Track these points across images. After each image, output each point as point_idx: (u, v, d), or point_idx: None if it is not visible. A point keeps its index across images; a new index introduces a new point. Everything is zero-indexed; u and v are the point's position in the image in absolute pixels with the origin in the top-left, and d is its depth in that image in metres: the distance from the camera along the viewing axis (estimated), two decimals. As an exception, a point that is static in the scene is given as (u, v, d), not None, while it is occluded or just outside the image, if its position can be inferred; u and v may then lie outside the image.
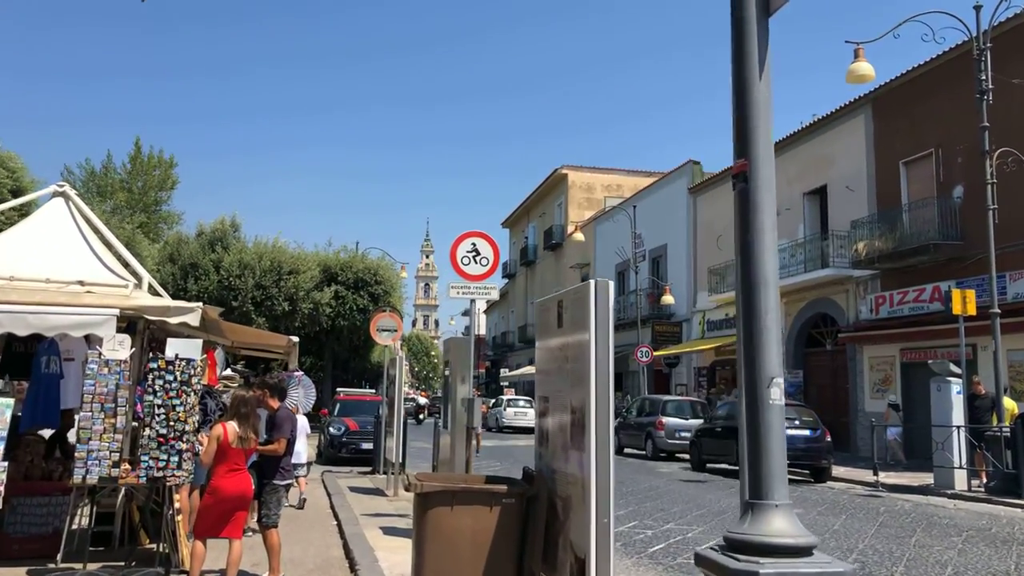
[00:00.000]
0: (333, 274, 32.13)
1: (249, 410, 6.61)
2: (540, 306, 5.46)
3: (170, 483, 7.05)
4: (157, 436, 6.91)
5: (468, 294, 10.25)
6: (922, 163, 21.17)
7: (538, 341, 5.49)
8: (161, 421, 6.94)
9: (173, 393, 7.02)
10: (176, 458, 6.94)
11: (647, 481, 16.11)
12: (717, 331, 30.76)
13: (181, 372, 7.12)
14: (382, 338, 16.17)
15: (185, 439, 7.02)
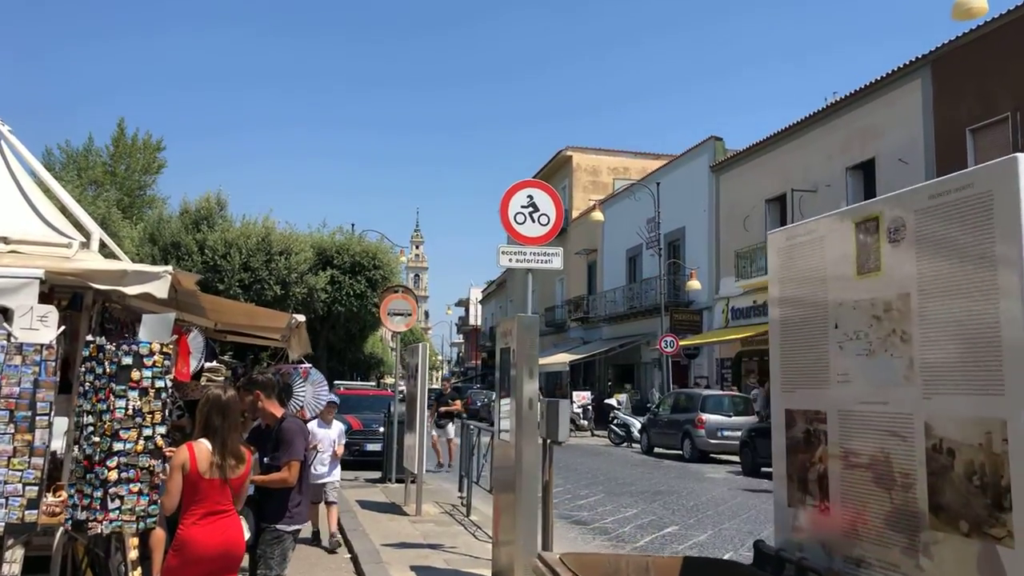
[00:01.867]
0: (328, 257, 29.64)
1: (229, 421, 4.24)
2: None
3: (92, 531, 4.67)
4: (83, 459, 4.52)
5: (524, 261, 7.89)
6: (994, 129, 18.89)
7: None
8: (87, 436, 4.56)
9: (102, 394, 4.63)
10: (100, 493, 4.55)
11: (705, 491, 13.80)
12: (744, 320, 28.48)
13: (115, 361, 4.73)
14: (394, 323, 13.79)
15: (124, 465, 4.62)
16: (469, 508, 10.61)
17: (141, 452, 4.69)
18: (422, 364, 10.58)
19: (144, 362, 4.83)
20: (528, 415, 6.39)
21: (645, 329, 34.90)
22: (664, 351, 26.04)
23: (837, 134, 24.37)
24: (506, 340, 6.90)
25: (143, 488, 4.68)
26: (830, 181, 24.51)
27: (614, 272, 39.32)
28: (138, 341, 4.94)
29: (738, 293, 28.69)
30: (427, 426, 14.60)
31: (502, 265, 7.82)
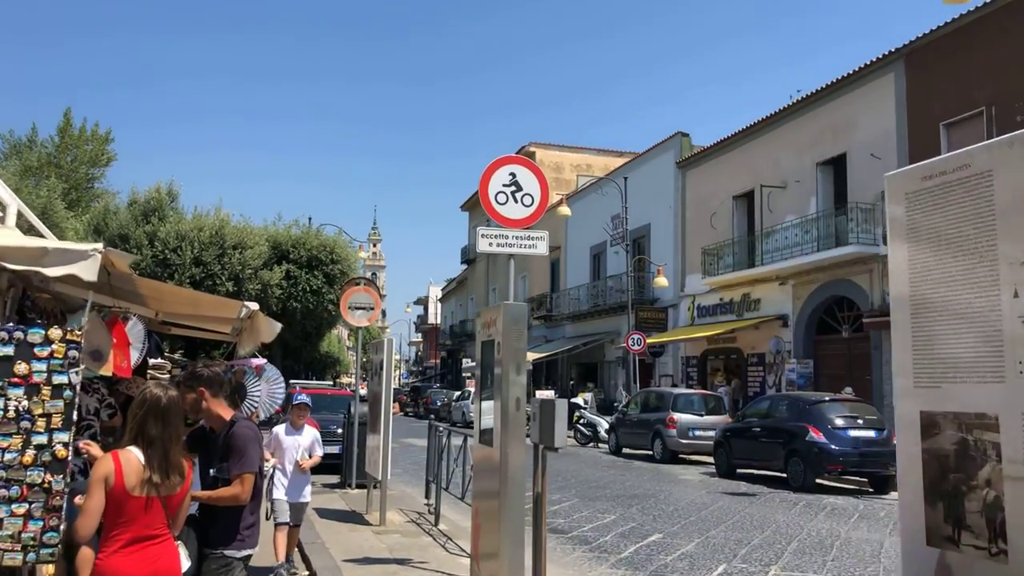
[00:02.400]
0: (284, 251, 28.55)
1: (169, 430, 3.41)
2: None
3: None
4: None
5: (506, 245, 7.11)
6: (969, 124, 18.61)
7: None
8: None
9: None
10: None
11: (682, 494, 13.17)
12: (710, 317, 28.07)
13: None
14: (355, 317, 12.92)
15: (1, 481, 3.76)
16: (438, 517, 9.81)
17: (30, 464, 3.81)
18: (387, 360, 9.75)
19: (35, 352, 3.95)
20: (515, 416, 5.62)
21: (609, 327, 34.37)
22: (631, 349, 25.45)
23: (807, 129, 24.02)
24: (489, 332, 6.13)
25: (33, 510, 3.80)
26: (800, 176, 24.15)
27: (578, 269, 38.74)
28: (24, 327, 4.06)
29: (704, 291, 28.27)
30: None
31: (482, 250, 7.04)
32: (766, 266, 24.53)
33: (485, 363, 6.29)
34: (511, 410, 5.62)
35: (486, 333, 6.24)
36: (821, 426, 13.47)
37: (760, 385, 25.46)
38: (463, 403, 35.64)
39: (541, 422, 5.49)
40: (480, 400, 6.42)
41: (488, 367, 6.15)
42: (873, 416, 14.05)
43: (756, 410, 15.82)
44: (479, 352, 6.46)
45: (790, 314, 24.20)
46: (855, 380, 21.91)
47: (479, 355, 6.46)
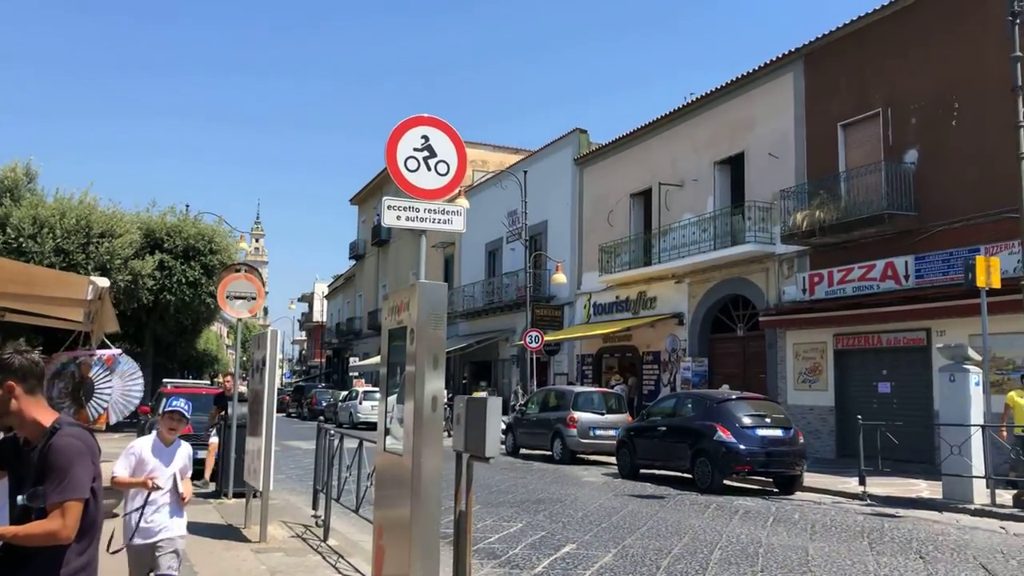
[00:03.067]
0: (158, 240, 26.46)
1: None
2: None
3: None
4: None
5: (416, 220, 6.17)
6: (866, 125, 18.81)
7: None
8: None
9: None
10: None
11: (589, 497, 12.48)
12: (606, 315, 27.76)
13: None
14: (235, 308, 11.63)
15: None
16: (327, 531, 8.72)
17: None
18: (271, 355, 8.58)
19: None
20: (431, 418, 4.67)
21: (504, 325, 33.69)
22: (529, 347, 24.78)
23: (706, 128, 23.96)
24: (399, 317, 5.15)
25: None
26: (697, 175, 24.08)
27: (473, 266, 37.90)
28: None
29: (601, 289, 27.94)
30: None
31: (389, 223, 6.06)
32: (663, 264, 24.35)
33: (393, 355, 5.32)
34: (426, 411, 4.66)
35: (395, 319, 5.26)
36: (729, 425, 13.07)
37: (655, 383, 25.29)
38: (350, 403, 34.18)
39: (468, 426, 4.58)
40: (385, 398, 5.43)
41: (397, 360, 5.18)
42: (780, 415, 13.78)
43: (660, 409, 15.36)
44: (385, 342, 5.48)
45: (686, 312, 24.09)
46: (749, 378, 21.94)
47: (385, 345, 5.48)
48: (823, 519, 10.59)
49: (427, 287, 4.79)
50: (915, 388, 17.15)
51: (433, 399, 4.70)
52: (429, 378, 4.72)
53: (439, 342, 4.82)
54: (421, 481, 4.65)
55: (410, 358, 4.83)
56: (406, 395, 4.82)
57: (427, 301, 4.78)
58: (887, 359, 17.99)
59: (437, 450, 4.63)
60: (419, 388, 4.71)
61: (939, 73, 17.07)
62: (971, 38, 16.52)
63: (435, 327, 4.80)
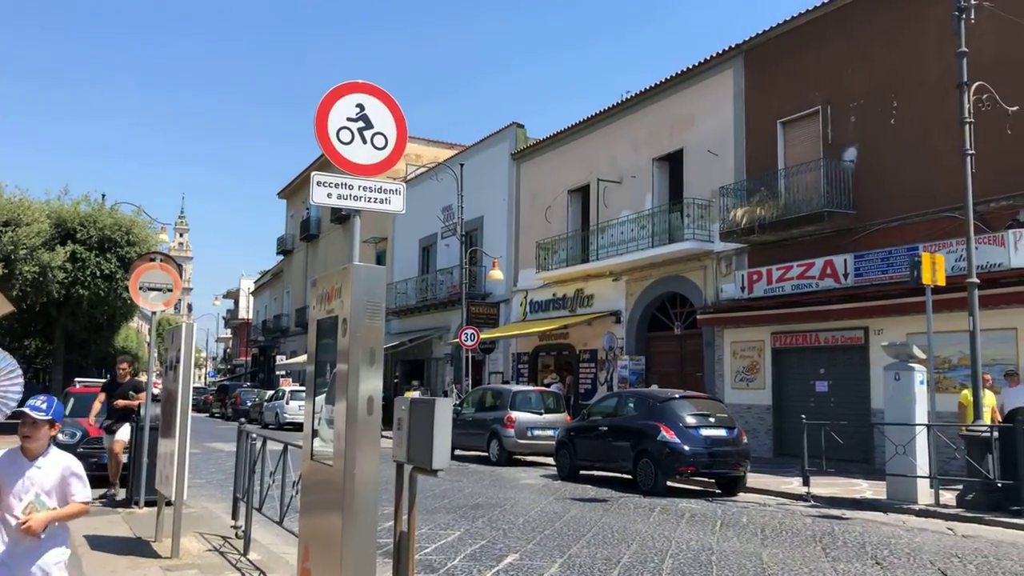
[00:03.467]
0: (69, 230, 24.98)
1: None
2: None
3: None
4: None
5: (350, 199, 5.50)
6: (805, 122, 18.76)
7: None
8: None
9: None
10: None
11: (529, 501, 11.92)
12: (542, 313, 27.31)
13: None
14: (149, 300, 10.69)
15: None
16: (248, 544, 7.93)
17: None
18: (186, 351, 7.76)
19: None
20: (366, 423, 4.03)
21: (437, 323, 32.97)
22: (464, 345, 24.13)
23: (645, 124, 23.70)
24: (329, 306, 4.48)
25: None
26: (636, 172, 23.81)
27: (406, 262, 37.04)
28: None
29: (537, 286, 27.49)
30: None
31: (319, 202, 5.36)
32: (600, 261, 24.01)
33: (322, 350, 4.64)
34: (361, 414, 4.01)
35: (324, 308, 4.58)
36: (673, 425, 12.69)
37: (592, 382, 24.95)
38: (276, 403, 33.00)
39: (412, 432, 3.96)
40: (313, 398, 4.74)
41: (326, 355, 4.51)
42: (724, 414, 13.46)
43: (601, 408, 14.91)
44: (313, 335, 4.79)
45: (623, 310, 23.80)
46: (686, 377, 21.76)
47: (313, 339, 4.79)
48: (771, 522, 10.25)
49: (362, 271, 4.14)
50: (853, 387, 17.13)
51: (369, 400, 4.06)
52: (365, 376, 4.07)
53: (376, 335, 4.18)
54: (354, 493, 4.00)
55: (342, 354, 4.17)
56: (337, 395, 4.16)
57: (362, 287, 4.13)
58: (825, 358, 17.95)
59: (373, 458, 3.99)
60: (352, 388, 4.05)
61: (878, 71, 17.08)
62: (910, 35, 16.56)
63: (371, 317, 4.16)
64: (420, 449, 3.97)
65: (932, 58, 16.00)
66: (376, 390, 4.12)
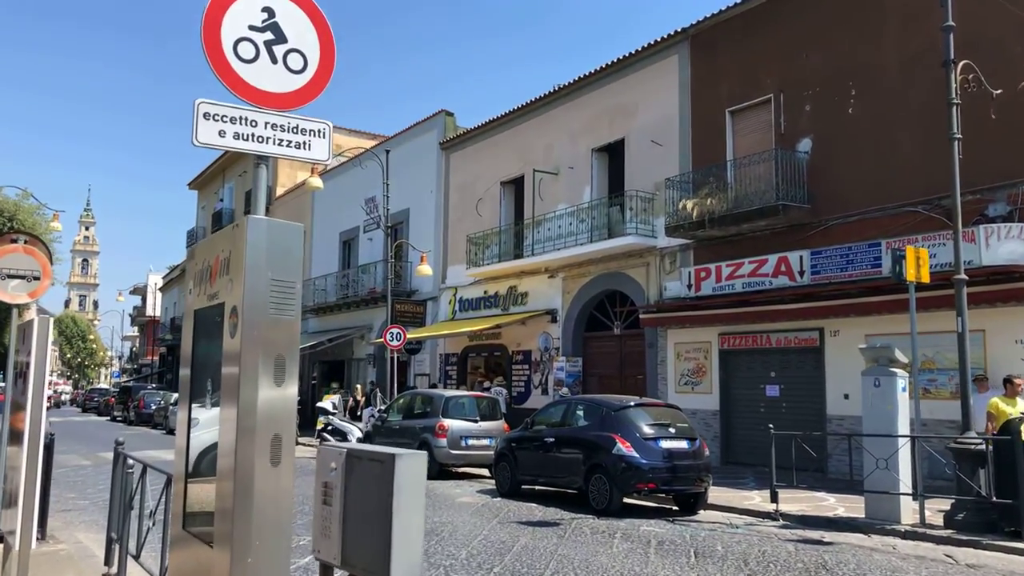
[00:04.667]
0: (-57, 215, 22.20)
1: None
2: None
3: None
4: None
5: (253, 139, 3.88)
6: (756, 111, 17.74)
7: None
8: None
9: None
10: None
11: (470, 526, 10.37)
12: (473, 311, 25.77)
13: None
14: (9, 291, 8.71)
15: None
16: (121, 601, 6.19)
17: None
18: (37, 351, 5.95)
19: None
20: (266, 487, 2.44)
21: (359, 321, 31.07)
22: (390, 345, 22.38)
23: (583, 113, 22.41)
24: (212, 288, 2.87)
25: None
26: (574, 162, 22.51)
27: (325, 257, 34.97)
28: None
29: (468, 283, 25.94)
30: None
31: (203, 142, 3.73)
32: (535, 257, 22.65)
33: (201, 354, 3.03)
34: (258, 468, 2.42)
35: (205, 291, 2.97)
36: (629, 436, 11.34)
37: (525, 385, 23.56)
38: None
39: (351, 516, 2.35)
40: (187, 433, 3.11)
41: (206, 361, 2.90)
42: (684, 423, 12.16)
43: (547, 417, 13.45)
44: (188, 332, 3.17)
45: (559, 309, 22.48)
46: (627, 379, 20.61)
47: (188, 340, 3.17)
48: (751, 551, 8.97)
49: (263, 227, 2.58)
50: (807, 391, 16.17)
51: (275, 441, 2.47)
52: (266, 401, 2.48)
53: (287, 330, 2.59)
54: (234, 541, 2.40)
55: (230, 363, 2.57)
56: (222, 435, 2.56)
57: (264, 255, 2.54)
58: (776, 360, 16.96)
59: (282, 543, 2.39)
60: (246, 419, 2.45)
61: (835, 56, 16.16)
62: (870, 19, 15.66)
63: (280, 306, 2.57)
64: (366, 549, 2.42)
65: (893, 42, 15.15)
66: (286, 424, 2.55)
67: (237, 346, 2.55)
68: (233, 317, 2.59)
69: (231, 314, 2.62)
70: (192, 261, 3.18)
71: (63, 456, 19.32)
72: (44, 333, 5.99)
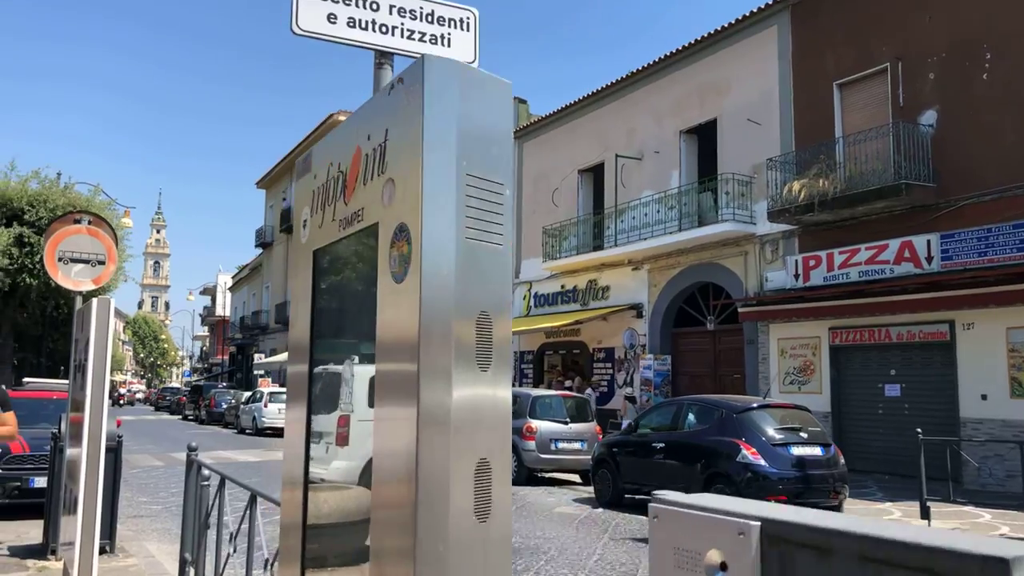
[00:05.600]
0: (16, 210, 21.92)
1: None
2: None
3: None
4: None
5: (372, 28, 2.72)
6: (869, 83, 16.14)
7: None
8: None
9: None
10: None
11: (578, 544, 9.16)
12: (549, 307, 24.61)
13: None
14: (72, 276, 7.85)
15: None
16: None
17: None
18: (97, 335, 4.95)
19: None
20: (455, 496, 1.25)
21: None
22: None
23: (670, 93, 21.01)
24: (354, 202, 1.69)
25: None
26: (659, 146, 21.13)
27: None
28: None
29: (544, 277, 24.77)
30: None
31: (303, 30, 2.60)
32: (617, 249, 21.34)
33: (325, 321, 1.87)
34: (450, 524, 1.24)
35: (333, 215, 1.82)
36: (755, 442, 9.99)
37: (609, 384, 22.26)
38: (254, 406, 30.01)
39: None
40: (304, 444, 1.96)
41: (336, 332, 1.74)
42: (816, 427, 10.73)
43: (653, 419, 12.15)
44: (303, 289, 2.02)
45: (645, 303, 21.12)
46: (722, 378, 19.18)
47: (303, 299, 2.02)
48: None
49: (450, 77, 1.39)
50: (933, 391, 14.55)
51: (481, 471, 1.31)
52: (464, 403, 1.32)
53: (497, 275, 1.41)
54: None
55: (391, 323, 1.40)
56: (378, 459, 1.38)
57: (454, 128, 1.39)
58: (897, 356, 15.34)
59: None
60: (431, 434, 1.27)
61: (964, 17, 14.49)
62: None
63: (483, 230, 1.39)
64: None
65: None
66: (498, 438, 1.40)
67: (410, 300, 1.40)
68: (399, 246, 1.45)
69: (395, 239, 1.48)
70: (308, 175, 2.03)
71: (135, 456, 18.77)
72: (104, 315, 4.98)
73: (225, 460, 18.39)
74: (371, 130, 1.65)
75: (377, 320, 1.50)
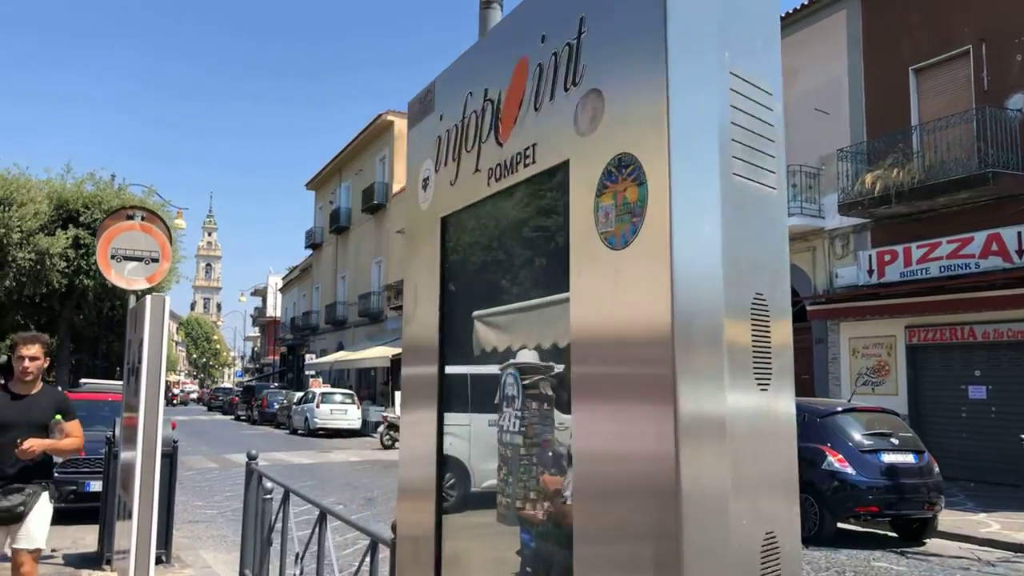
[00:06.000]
0: (72, 212, 22.03)
1: None
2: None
3: None
4: None
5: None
6: (948, 67, 15.26)
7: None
8: None
9: None
10: None
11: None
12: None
13: None
14: (125, 274, 7.52)
15: None
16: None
17: None
18: (152, 341, 4.55)
19: None
20: None
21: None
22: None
23: (730, 83, 20.26)
24: (511, 141, 1.16)
25: None
26: (720, 140, 20.36)
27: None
28: None
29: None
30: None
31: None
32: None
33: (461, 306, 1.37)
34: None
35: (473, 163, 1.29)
36: (842, 448, 9.31)
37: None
38: (306, 406, 29.94)
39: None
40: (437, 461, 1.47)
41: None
42: (907, 433, 9.98)
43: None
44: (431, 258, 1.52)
45: (705, 302, 20.37)
46: (787, 380, 18.35)
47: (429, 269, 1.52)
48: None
49: None
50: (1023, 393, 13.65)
51: (768, 556, 0.77)
52: (744, 429, 0.77)
53: (771, 232, 0.87)
54: None
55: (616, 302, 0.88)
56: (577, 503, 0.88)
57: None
58: (982, 356, 14.44)
59: None
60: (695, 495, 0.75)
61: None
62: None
63: (753, 161, 0.84)
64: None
65: None
66: (784, 499, 0.86)
67: (646, 276, 0.89)
68: (618, 190, 0.92)
69: (606, 182, 0.95)
70: (429, 116, 1.50)
71: (189, 458, 18.65)
72: (159, 312, 4.59)
73: (279, 462, 18.17)
74: (547, 28, 1.11)
75: (571, 310, 0.99)
